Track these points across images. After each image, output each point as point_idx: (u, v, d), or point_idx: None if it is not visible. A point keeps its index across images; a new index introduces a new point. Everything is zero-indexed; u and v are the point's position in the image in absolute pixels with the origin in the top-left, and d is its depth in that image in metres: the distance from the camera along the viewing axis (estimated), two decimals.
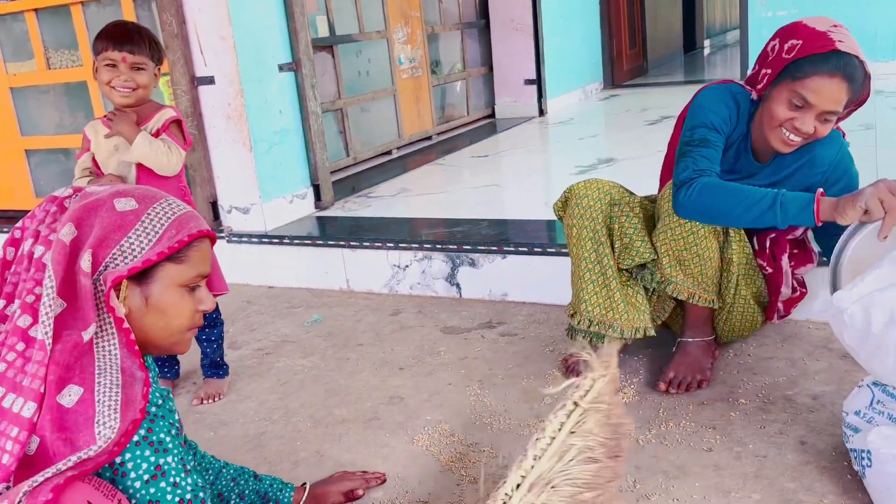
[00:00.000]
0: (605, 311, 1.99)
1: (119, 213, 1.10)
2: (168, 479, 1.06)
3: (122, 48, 2.00)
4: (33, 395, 1.01)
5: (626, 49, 7.60)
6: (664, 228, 1.91)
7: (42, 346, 1.02)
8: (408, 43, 4.97)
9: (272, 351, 2.53)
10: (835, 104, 1.68)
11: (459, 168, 4.36)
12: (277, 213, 3.31)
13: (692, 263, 1.91)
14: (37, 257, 1.08)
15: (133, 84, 2.03)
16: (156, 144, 2.06)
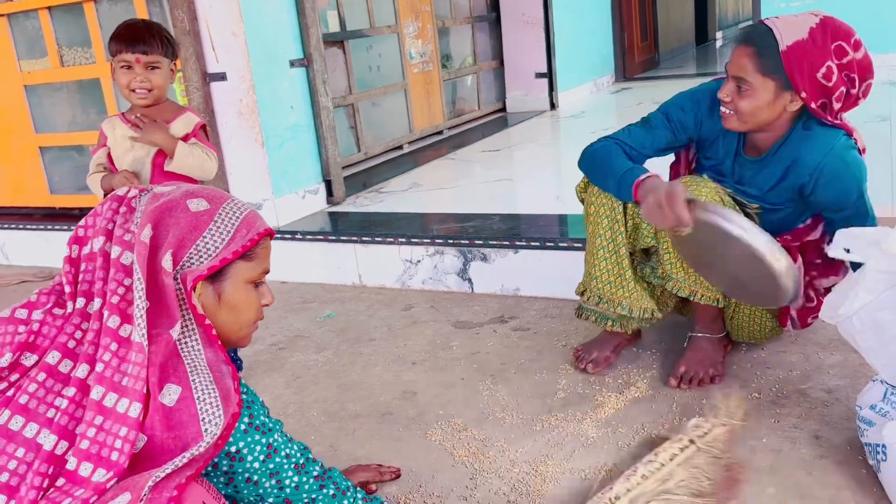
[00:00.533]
0: (616, 288, 1.98)
1: (193, 213, 1.14)
2: (280, 453, 1.21)
3: (135, 49, 2.01)
4: (137, 395, 1.04)
5: (637, 41, 7.56)
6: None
7: (140, 348, 1.06)
8: (418, 37, 4.97)
9: (286, 346, 2.54)
10: (739, 69, 1.73)
11: (471, 162, 4.36)
12: (290, 208, 3.32)
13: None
14: (115, 258, 1.10)
15: (149, 85, 2.04)
16: (196, 152, 2.08)
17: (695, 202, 1.65)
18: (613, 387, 2.00)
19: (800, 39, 1.68)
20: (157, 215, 1.12)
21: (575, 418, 1.87)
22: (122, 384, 1.05)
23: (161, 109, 2.12)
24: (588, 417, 1.86)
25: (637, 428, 1.79)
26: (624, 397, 1.94)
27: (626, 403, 1.91)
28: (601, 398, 1.94)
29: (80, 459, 1.03)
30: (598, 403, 1.92)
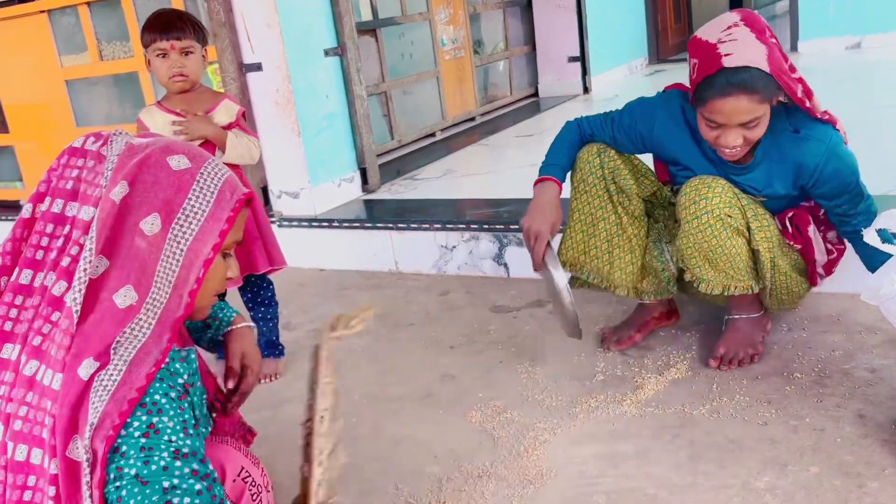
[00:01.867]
0: (579, 254, 2.09)
1: (175, 172, 1.04)
2: (162, 437, 0.97)
3: (168, 36, 2.05)
4: (59, 365, 0.97)
5: (671, 23, 7.46)
6: (686, 234, 1.84)
7: (69, 313, 0.98)
8: (450, 24, 4.96)
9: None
10: (744, 115, 1.68)
11: (504, 148, 4.35)
12: (326, 197, 3.36)
13: (721, 260, 1.85)
14: (82, 218, 1.02)
15: (185, 70, 2.08)
16: (244, 142, 2.12)
17: (549, 249, 1.95)
18: (653, 368, 2.00)
19: (767, 54, 1.67)
20: (135, 172, 1.02)
21: (615, 399, 1.88)
22: (51, 353, 0.98)
23: (199, 96, 2.16)
24: (628, 399, 1.87)
25: (677, 409, 1.80)
26: (664, 378, 1.94)
27: (666, 385, 1.91)
28: (640, 380, 1.95)
29: (17, 443, 0.97)
30: (638, 385, 1.93)
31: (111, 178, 1.02)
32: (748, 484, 1.50)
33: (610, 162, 2.03)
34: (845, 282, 2.23)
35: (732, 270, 1.87)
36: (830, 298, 2.24)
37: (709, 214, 1.79)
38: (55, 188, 1.06)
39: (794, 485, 1.48)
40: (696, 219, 1.81)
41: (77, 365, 0.96)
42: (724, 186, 1.81)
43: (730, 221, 1.80)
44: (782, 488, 1.47)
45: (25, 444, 0.97)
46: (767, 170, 1.85)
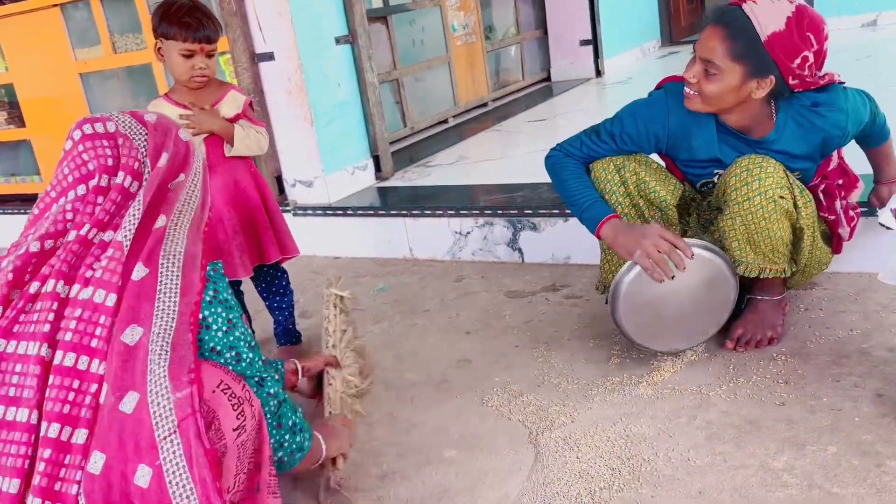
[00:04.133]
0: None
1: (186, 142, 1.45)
2: (237, 330, 1.35)
3: (199, 38, 2.01)
4: (113, 287, 1.26)
5: (683, 4, 7.39)
6: (733, 215, 1.82)
7: (119, 245, 1.28)
8: (461, 9, 4.94)
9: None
10: (709, 52, 1.73)
11: (517, 133, 4.34)
12: (340, 185, 3.37)
13: (764, 243, 1.83)
14: (125, 185, 1.33)
15: (209, 72, 2.08)
16: (251, 133, 2.12)
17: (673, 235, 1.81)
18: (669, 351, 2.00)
19: (777, 30, 1.69)
20: (168, 145, 1.40)
21: (631, 382, 1.88)
22: (95, 276, 1.25)
23: (206, 88, 2.14)
24: (644, 381, 1.87)
25: (694, 390, 1.79)
26: (680, 361, 1.94)
27: (682, 367, 1.91)
28: (657, 362, 1.95)
29: (66, 352, 1.21)
30: (654, 368, 1.93)
31: (151, 153, 1.37)
32: (766, 464, 1.50)
33: (632, 177, 1.95)
34: (862, 261, 2.23)
35: (773, 254, 1.86)
36: (847, 278, 2.23)
37: (761, 196, 1.76)
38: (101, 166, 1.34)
39: (812, 464, 1.47)
40: (747, 200, 1.78)
41: (129, 274, 1.27)
42: (775, 166, 1.79)
43: (782, 203, 1.78)
44: (800, 468, 1.47)
45: (74, 352, 1.21)
46: (789, 144, 1.85)
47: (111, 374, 1.20)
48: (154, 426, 1.17)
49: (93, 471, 1.16)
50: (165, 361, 1.20)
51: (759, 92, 1.75)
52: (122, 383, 1.19)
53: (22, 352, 1.22)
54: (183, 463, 1.16)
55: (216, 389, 1.25)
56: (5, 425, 1.19)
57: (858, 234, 2.21)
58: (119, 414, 1.17)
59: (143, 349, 1.21)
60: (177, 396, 1.19)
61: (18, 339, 1.23)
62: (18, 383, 1.21)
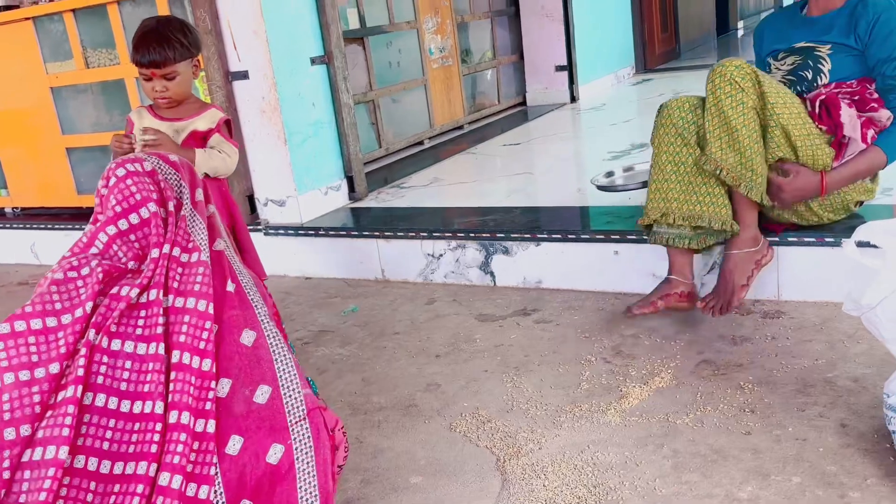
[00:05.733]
0: (693, 205, 2.17)
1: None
2: None
3: (148, 65, 2.04)
4: (209, 297, 1.51)
5: (658, 32, 7.51)
6: (708, 106, 2.09)
7: (205, 265, 1.53)
8: (438, 33, 4.97)
9: (311, 341, 2.57)
10: None
11: (491, 157, 4.36)
12: (312, 205, 3.35)
13: (740, 135, 2.04)
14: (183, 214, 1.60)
15: (168, 94, 2.08)
16: (214, 156, 2.11)
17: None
18: (637, 377, 2.00)
19: None
20: (200, 181, 1.67)
21: (599, 409, 1.88)
22: (194, 289, 1.46)
23: (188, 105, 2.16)
24: (612, 408, 1.87)
25: (661, 418, 1.79)
26: (648, 388, 1.94)
27: (650, 393, 1.91)
28: (625, 389, 1.95)
29: (182, 351, 1.40)
30: (623, 394, 1.93)
31: (190, 188, 1.62)
32: (731, 494, 1.50)
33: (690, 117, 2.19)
34: (828, 290, 2.25)
35: (750, 153, 2.05)
36: (813, 307, 2.25)
37: (721, 78, 2.05)
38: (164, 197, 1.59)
39: (776, 495, 1.48)
40: (710, 82, 2.07)
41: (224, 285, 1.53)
42: (739, 65, 2.05)
43: (741, 96, 2.03)
44: (765, 498, 1.47)
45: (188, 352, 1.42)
46: (835, 19, 2.16)
47: (237, 371, 1.42)
48: (287, 413, 1.39)
49: (231, 452, 1.36)
50: (291, 361, 1.46)
51: None
52: (252, 378, 1.41)
53: (142, 352, 1.41)
54: (311, 444, 1.38)
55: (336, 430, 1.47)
56: (140, 417, 1.37)
57: (824, 264, 2.24)
58: (254, 405, 1.39)
59: (263, 349, 1.45)
60: (305, 392, 1.43)
61: (135, 339, 1.42)
62: (143, 380, 1.39)
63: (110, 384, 1.39)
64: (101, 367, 1.40)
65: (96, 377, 1.39)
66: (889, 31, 2.07)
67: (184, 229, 1.55)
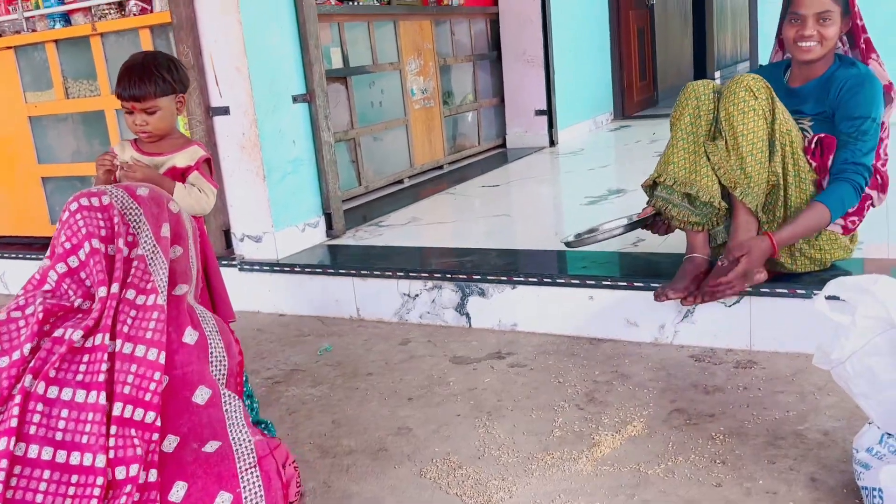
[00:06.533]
0: (689, 173, 2.24)
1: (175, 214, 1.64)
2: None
3: (128, 98, 2.04)
4: (161, 345, 1.43)
5: (636, 80, 7.65)
6: (721, 107, 2.20)
7: (161, 308, 1.44)
8: (420, 74, 5.03)
9: (282, 380, 2.53)
10: (820, 6, 2.12)
11: (470, 198, 4.38)
12: (289, 241, 3.33)
13: (743, 139, 2.14)
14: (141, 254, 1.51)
15: (149, 128, 2.08)
16: (194, 193, 2.10)
17: None
18: (609, 425, 2.00)
19: None
20: (167, 217, 1.57)
21: (571, 457, 1.86)
22: (146, 336, 1.39)
23: (171, 141, 2.16)
24: (584, 456, 1.86)
25: (633, 468, 1.78)
26: (620, 436, 1.93)
27: (623, 442, 1.90)
28: (598, 437, 1.94)
29: (125, 403, 1.33)
30: (595, 442, 1.91)
31: (153, 224, 1.53)
32: None
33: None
34: (800, 342, 2.27)
35: (751, 158, 2.14)
36: (784, 358, 2.27)
37: (737, 84, 2.16)
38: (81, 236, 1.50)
39: None
40: (726, 88, 2.18)
41: (181, 335, 1.44)
42: (760, 77, 2.17)
43: (755, 103, 2.13)
44: None
45: (131, 405, 1.34)
46: (814, 90, 2.24)
47: (186, 430, 1.38)
48: (237, 460, 1.37)
49: (174, 499, 1.32)
50: (242, 419, 1.43)
51: (844, 28, 2.18)
52: (202, 437, 1.38)
53: (81, 400, 1.34)
54: (261, 492, 1.37)
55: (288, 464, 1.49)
56: (78, 469, 1.31)
57: (795, 315, 2.27)
58: (202, 454, 1.35)
59: (216, 408, 1.40)
60: (256, 439, 1.42)
61: (74, 386, 1.36)
62: (81, 430, 1.32)
63: (45, 434, 1.31)
64: (36, 415, 1.32)
65: (30, 426, 1.31)
66: (853, 94, 2.14)
67: (142, 269, 1.47)
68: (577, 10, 6.42)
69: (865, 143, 2.13)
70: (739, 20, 13.36)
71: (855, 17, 2.22)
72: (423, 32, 5.06)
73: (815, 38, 2.15)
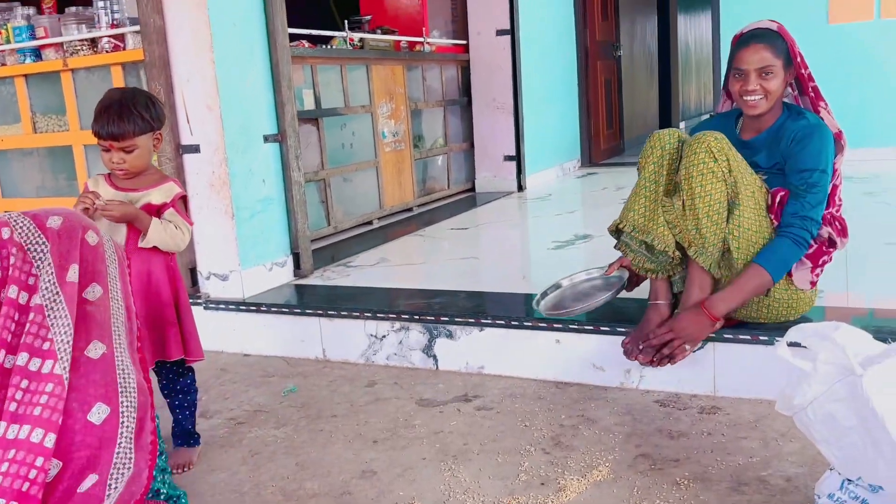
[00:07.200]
0: (647, 221, 2.28)
1: (93, 247, 1.32)
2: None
3: (106, 137, 2.03)
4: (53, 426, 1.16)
5: (603, 128, 7.80)
6: (682, 166, 2.21)
7: (59, 380, 1.17)
8: (392, 118, 5.08)
9: (245, 421, 2.49)
10: (760, 61, 2.18)
11: (439, 240, 4.40)
12: (256, 280, 3.31)
13: (701, 202, 2.16)
14: (23, 302, 1.19)
15: (125, 166, 2.07)
16: (170, 229, 2.09)
17: None
18: (576, 470, 1.99)
19: (780, 25, 2.25)
20: (77, 255, 1.28)
21: (537, 501, 1.85)
22: (34, 414, 1.13)
23: (146, 177, 2.15)
24: (550, 501, 1.85)
25: None
26: (586, 480, 1.93)
27: (588, 486, 1.90)
28: (563, 481, 1.93)
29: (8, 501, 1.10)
30: (561, 487, 1.91)
31: (57, 263, 1.24)
32: None
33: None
34: (763, 388, 2.30)
35: (706, 220, 2.16)
36: (748, 403, 2.29)
37: (699, 144, 2.16)
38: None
39: None
40: (688, 147, 2.19)
41: (87, 412, 1.17)
42: (722, 137, 2.17)
43: (713, 165, 2.14)
44: None
45: (3, 498, 1.11)
46: (765, 141, 2.27)
47: None
48: None
49: None
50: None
51: (789, 77, 2.23)
52: None
53: None
54: None
55: None
56: None
57: (758, 362, 2.30)
58: None
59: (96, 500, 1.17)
60: None
61: None
62: None
63: None
64: None
65: None
66: (803, 147, 2.16)
67: (38, 322, 1.18)
68: (547, 59, 6.56)
69: (815, 195, 2.15)
70: (703, 72, 13.75)
71: (798, 67, 2.25)
72: (395, 77, 5.13)
73: (759, 93, 2.19)
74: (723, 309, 2.19)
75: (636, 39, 9.87)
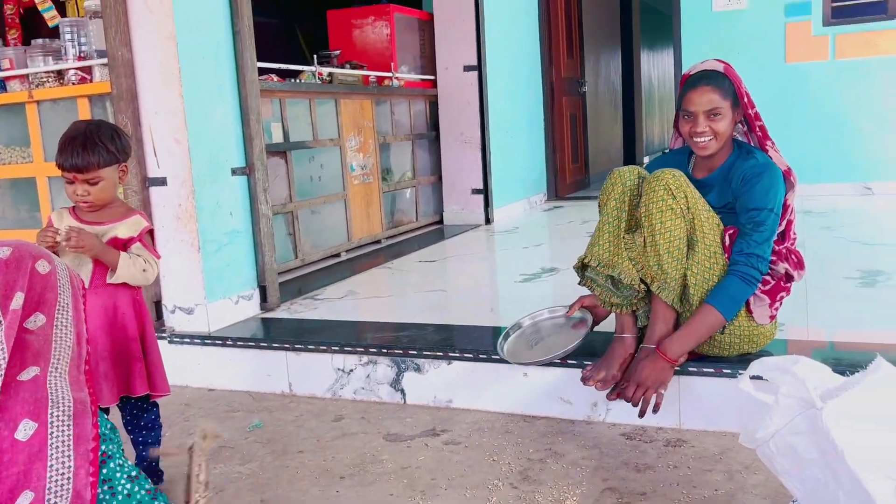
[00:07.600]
0: (612, 256, 2.31)
1: (43, 276, 1.32)
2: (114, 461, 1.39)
3: (69, 169, 2.01)
4: None
5: (569, 163, 7.91)
6: (641, 203, 2.26)
7: None
8: (360, 151, 5.11)
9: (209, 457, 2.45)
10: (708, 103, 2.23)
11: (407, 272, 4.41)
12: (222, 313, 3.28)
13: (661, 238, 2.20)
14: None
15: (90, 198, 2.04)
16: (139, 263, 2.07)
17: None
18: None
19: (727, 65, 2.29)
20: (24, 283, 1.28)
21: None
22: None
23: (112, 210, 2.12)
24: None
25: None
26: None
27: None
28: None
29: None
30: None
31: (2, 294, 1.25)
32: None
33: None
34: (727, 420, 2.33)
35: (667, 255, 2.20)
36: (713, 436, 2.32)
37: (657, 181, 2.20)
38: None
39: None
40: (647, 184, 2.24)
41: (13, 430, 1.19)
42: (680, 174, 2.22)
43: (672, 202, 2.18)
44: None
45: None
46: (717, 180, 2.32)
47: None
48: None
49: None
50: None
51: (737, 117, 2.28)
52: None
53: None
54: None
55: None
56: None
57: (722, 395, 2.33)
58: None
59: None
60: None
61: None
62: None
63: None
64: None
65: None
66: (751, 187, 2.21)
67: None
68: (514, 94, 6.66)
69: (761, 233, 2.18)
70: (666, 108, 14.07)
71: (746, 107, 2.29)
72: (363, 111, 5.16)
73: (708, 134, 2.23)
74: (678, 350, 2.23)
75: (601, 76, 10.07)
